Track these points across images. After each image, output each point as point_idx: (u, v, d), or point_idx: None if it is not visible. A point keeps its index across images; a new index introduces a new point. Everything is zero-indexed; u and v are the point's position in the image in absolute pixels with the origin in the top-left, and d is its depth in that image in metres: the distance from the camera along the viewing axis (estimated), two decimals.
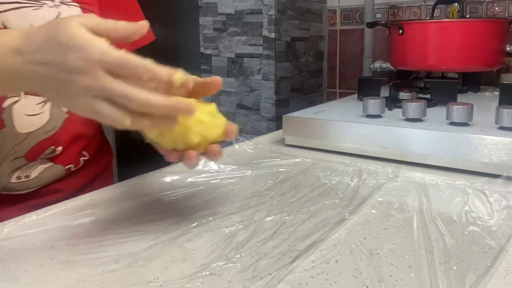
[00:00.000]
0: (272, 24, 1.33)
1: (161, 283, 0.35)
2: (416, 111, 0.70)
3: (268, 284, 0.35)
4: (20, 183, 0.59)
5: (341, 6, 1.56)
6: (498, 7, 1.30)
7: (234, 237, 0.43)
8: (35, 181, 0.60)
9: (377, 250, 0.40)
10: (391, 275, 0.36)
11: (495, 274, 0.36)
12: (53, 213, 0.49)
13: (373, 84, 0.93)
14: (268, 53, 1.35)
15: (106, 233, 0.44)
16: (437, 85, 0.92)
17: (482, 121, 0.68)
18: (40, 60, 0.38)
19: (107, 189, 0.56)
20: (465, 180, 0.57)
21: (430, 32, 1.10)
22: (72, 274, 0.37)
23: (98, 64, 0.37)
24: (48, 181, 0.62)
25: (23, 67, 0.38)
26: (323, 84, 1.62)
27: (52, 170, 0.62)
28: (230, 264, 0.38)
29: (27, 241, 0.43)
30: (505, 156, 0.58)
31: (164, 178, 0.60)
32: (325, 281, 0.35)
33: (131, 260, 0.39)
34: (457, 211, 0.48)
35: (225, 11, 1.42)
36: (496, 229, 0.44)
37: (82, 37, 0.37)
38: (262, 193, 0.55)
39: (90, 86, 0.37)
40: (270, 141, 0.81)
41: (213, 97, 1.48)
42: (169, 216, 0.48)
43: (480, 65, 1.10)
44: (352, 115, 0.76)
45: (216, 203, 0.52)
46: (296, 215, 0.48)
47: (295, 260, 0.38)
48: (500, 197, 0.51)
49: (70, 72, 0.37)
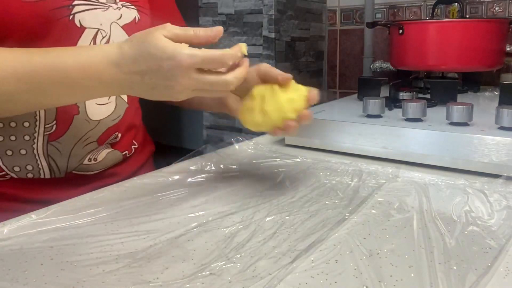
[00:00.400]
0: (272, 24, 1.33)
1: (161, 283, 0.35)
2: (416, 111, 0.70)
3: (268, 284, 0.35)
4: (90, 165, 0.66)
5: (341, 6, 1.56)
6: (498, 7, 1.30)
7: (234, 237, 0.43)
8: (100, 164, 0.67)
9: (377, 250, 0.40)
10: (391, 275, 0.36)
11: (495, 274, 0.36)
12: (53, 213, 0.49)
13: (373, 84, 0.93)
14: (268, 53, 1.35)
15: (106, 233, 0.45)
16: (437, 85, 0.92)
17: (482, 121, 0.68)
18: (137, 70, 0.46)
19: (107, 189, 0.56)
20: (465, 180, 0.57)
21: (430, 32, 1.10)
22: (72, 274, 0.37)
23: (190, 66, 0.45)
24: (109, 165, 0.69)
25: (122, 77, 0.47)
26: (323, 84, 1.62)
27: (113, 155, 0.69)
28: (230, 264, 0.38)
29: (27, 241, 0.43)
30: (505, 156, 0.58)
31: (164, 178, 0.60)
32: (325, 281, 0.35)
33: (131, 260, 0.39)
34: (457, 211, 0.48)
35: (225, 11, 1.42)
36: (496, 229, 0.44)
37: (170, 47, 0.44)
38: (262, 193, 0.55)
39: (189, 85, 0.46)
40: (270, 141, 0.81)
41: None
42: (169, 216, 0.48)
43: (480, 65, 1.10)
44: (352, 115, 0.76)
45: (216, 203, 0.52)
46: (296, 215, 0.48)
47: (295, 260, 0.38)
48: (500, 197, 0.51)
49: (168, 78, 0.45)
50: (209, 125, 1.54)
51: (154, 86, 0.47)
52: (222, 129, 1.49)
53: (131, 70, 0.46)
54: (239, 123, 0.64)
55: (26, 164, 0.61)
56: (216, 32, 0.47)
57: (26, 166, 0.61)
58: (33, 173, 0.62)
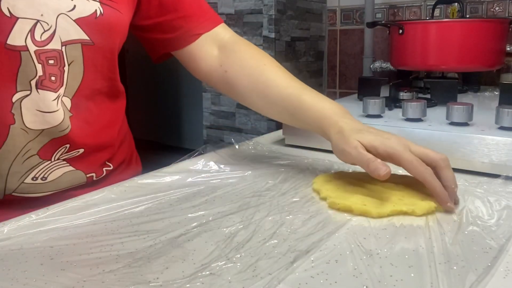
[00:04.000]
0: (272, 24, 1.33)
1: (161, 283, 0.35)
2: (416, 111, 0.70)
3: (268, 284, 0.35)
4: (35, 185, 0.58)
5: (341, 6, 1.56)
6: (498, 7, 1.30)
7: (234, 237, 0.43)
8: (51, 185, 0.59)
9: (377, 250, 0.40)
10: (391, 275, 0.36)
11: (495, 274, 0.36)
12: (53, 213, 0.49)
13: (373, 84, 0.93)
14: (268, 53, 1.35)
15: (106, 233, 0.45)
16: (437, 85, 0.92)
17: (482, 121, 0.68)
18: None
19: (107, 189, 0.56)
20: (465, 180, 0.57)
21: (430, 32, 1.10)
22: (72, 274, 0.37)
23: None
24: (66, 187, 0.60)
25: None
26: (323, 84, 1.62)
27: (72, 176, 0.60)
28: (230, 264, 0.38)
29: (27, 241, 0.43)
30: (505, 156, 0.58)
31: (164, 178, 0.60)
32: (325, 281, 0.35)
33: (131, 260, 0.39)
34: (457, 211, 0.48)
35: (225, 11, 1.42)
36: (496, 229, 0.44)
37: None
38: (262, 193, 0.55)
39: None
40: (270, 141, 0.81)
41: (214, 96, 1.48)
42: (169, 216, 0.48)
43: (480, 65, 1.10)
44: (352, 115, 0.76)
45: (216, 203, 0.52)
46: (296, 215, 0.48)
47: (295, 260, 0.38)
48: (500, 197, 0.51)
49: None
50: (209, 125, 1.54)
51: None
52: (222, 129, 1.49)
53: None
54: (239, 123, 0.64)
55: None
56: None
57: None
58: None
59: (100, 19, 0.56)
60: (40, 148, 0.56)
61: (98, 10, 0.56)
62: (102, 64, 0.61)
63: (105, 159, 0.65)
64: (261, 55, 0.67)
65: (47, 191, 0.59)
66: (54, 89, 0.55)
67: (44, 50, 0.53)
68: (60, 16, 0.53)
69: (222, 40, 0.68)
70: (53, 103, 0.55)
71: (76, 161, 0.61)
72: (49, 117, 0.55)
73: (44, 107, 0.55)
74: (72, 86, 0.57)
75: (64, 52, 0.55)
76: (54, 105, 0.55)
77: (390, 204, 0.48)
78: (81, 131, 0.60)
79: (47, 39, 0.53)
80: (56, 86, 0.55)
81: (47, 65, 0.54)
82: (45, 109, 0.55)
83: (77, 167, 0.61)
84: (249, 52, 0.67)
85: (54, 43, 0.54)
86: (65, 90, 0.57)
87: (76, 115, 0.59)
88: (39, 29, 0.52)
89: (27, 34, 0.51)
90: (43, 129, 0.55)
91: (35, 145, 0.56)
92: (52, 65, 0.54)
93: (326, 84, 1.63)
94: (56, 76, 0.55)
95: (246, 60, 0.66)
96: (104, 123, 0.64)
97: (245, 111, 1.41)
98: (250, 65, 0.65)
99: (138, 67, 3.29)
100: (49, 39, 0.53)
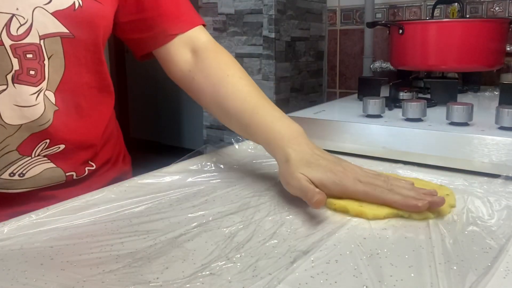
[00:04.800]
0: (272, 24, 1.33)
1: (161, 283, 0.35)
2: (416, 111, 0.70)
3: (268, 284, 0.35)
4: (11, 181, 0.57)
5: (341, 6, 1.56)
6: (498, 7, 1.30)
7: (234, 237, 0.43)
8: (29, 182, 0.58)
9: (377, 250, 0.40)
10: (391, 275, 0.36)
11: (495, 274, 0.36)
12: (53, 213, 0.49)
13: (373, 84, 0.93)
14: (268, 53, 1.35)
15: (106, 233, 0.45)
16: (437, 85, 0.92)
17: (482, 121, 0.68)
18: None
19: (107, 189, 0.56)
20: (464, 180, 0.57)
21: (430, 32, 1.10)
22: (72, 274, 0.37)
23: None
24: (44, 185, 0.59)
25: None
26: (323, 84, 1.62)
27: (51, 173, 0.59)
28: (230, 264, 0.38)
29: (27, 241, 0.43)
30: (505, 156, 0.58)
31: (164, 178, 0.60)
32: (325, 281, 0.35)
33: (131, 260, 0.39)
34: (457, 211, 0.48)
35: (225, 11, 1.42)
36: (496, 229, 0.44)
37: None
38: (262, 193, 0.55)
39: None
40: None
41: None
42: (169, 216, 0.48)
43: (480, 65, 1.10)
44: (352, 115, 0.76)
45: (216, 203, 0.52)
46: (296, 215, 0.48)
47: (295, 260, 0.38)
48: (500, 197, 0.51)
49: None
50: (209, 125, 1.54)
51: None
52: (222, 129, 1.49)
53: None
54: None
55: None
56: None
57: None
58: None
59: (79, 11, 0.55)
60: (20, 144, 0.56)
61: (76, 2, 0.55)
62: (86, 57, 0.60)
63: (87, 158, 0.64)
64: (228, 65, 0.66)
65: (24, 187, 0.58)
66: (33, 83, 0.54)
67: (21, 44, 0.53)
68: (36, 10, 0.52)
69: (196, 44, 0.67)
70: (31, 97, 0.54)
71: (57, 157, 0.59)
72: (27, 111, 0.54)
73: (22, 101, 0.54)
74: (54, 80, 0.57)
75: (43, 45, 0.54)
76: (32, 99, 0.54)
77: (387, 207, 0.48)
78: (64, 126, 0.59)
79: (24, 33, 0.52)
80: (37, 80, 0.55)
81: (25, 59, 0.53)
82: (23, 103, 0.54)
83: (58, 164, 0.60)
84: (216, 61, 0.66)
85: (32, 37, 0.53)
86: (48, 84, 0.56)
87: (62, 109, 0.58)
88: (15, 23, 0.51)
89: (2, 29, 0.51)
90: (22, 123, 0.55)
91: (14, 141, 0.55)
92: (31, 59, 0.54)
93: (326, 84, 1.63)
94: (35, 70, 0.54)
95: (212, 69, 0.65)
96: (91, 120, 0.63)
97: None
98: (214, 74, 0.65)
99: (138, 67, 3.29)
100: (26, 33, 0.52)
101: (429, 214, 0.47)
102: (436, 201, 0.46)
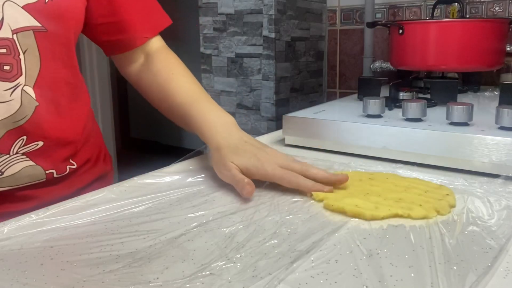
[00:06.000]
0: (272, 24, 1.33)
1: (161, 283, 0.35)
2: (416, 111, 0.70)
3: (268, 284, 0.35)
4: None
5: (341, 6, 1.56)
6: (498, 7, 1.30)
7: (234, 237, 0.43)
8: (8, 180, 0.57)
9: (377, 250, 0.40)
10: (391, 275, 0.36)
11: (495, 274, 0.36)
12: (53, 213, 0.49)
13: (373, 84, 0.93)
14: (268, 53, 1.35)
15: (106, 233, 0.45)
16: (437, 85, 0.92)
17: (482, 121, 0.68)
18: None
19: (107, 189, 0.56)
20: (464, 180, 0.57)
21: (430, 32, 1.10)
22: (72, 274, 0.37)
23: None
24: (24, 183, 0.58)
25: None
26: (323, 84, 1.62)
27: (31, 171, 0.58)
28: (230, 264, 0.38)
29: (27, 241, 0.43)
30: (505, 156, 0.58)
31: (164, 178, 0.60)
32: (325, 281, 0.35)
33: (131, 260, 0.39)
34: (457, 211, 0.48)
35: (225, 11, 1.42)
36: (496, 229, 0.44)
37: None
38: (262, 193, 0.55)
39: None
40: (270, 141, 0.81)
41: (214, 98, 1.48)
42: (169, 216, 0.48)
43: (480, 65, 1.10)
44: (352, 115, 0.76)
45: (216, 203, 0.52)
46: (296, 215, 0.48)
47: (295, 260, 0.38)
48: (500, 197, 0.51)
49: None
50: None
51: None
52: None
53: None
54: (239, 123, 0.64)
55: None
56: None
57: None
58: None
59: (50, 4, 0.55)
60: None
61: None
62: (61, 51, 0.59)
63: (67, 155, 0.63)
64: (174, 66, 0.71)
65: (3, 186, 0.57)
66: (8, 78, 0.54)
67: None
68: (7, 4, 0.52)
69: (150, 50, 0.72)
70: (5, 93, 0.54)
71: (36, 155, 0.59)
72: (1, 107, 0.54)
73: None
74: (31, 75, 0.56)
75: (16, 40, 0.53)
76: (6, 95, 0.54)
77: (386, 207, 0.48)
78: (42, 122, 0.58)
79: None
80: (12, 75, 0.54)
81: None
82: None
83: (37, 161, 0.59)
84: (164, 63, 0.71)
85: (4, 31, 0.52)
86: (26, 79, 0.55)
87: (43, 105, 0.58)
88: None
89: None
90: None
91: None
92: (5, 54, 0.53)
93: (326, 84, 1.63)
94: (11, 65, 0.54)
95: (159, 69, 0.70)
96: (70, 116, 0.63)
97: (245, 111, 1.41)
98: (161, 74, 0.70)
99: None
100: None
101: (429, 214, 0.47)
102: (339, 178, 0.53)
